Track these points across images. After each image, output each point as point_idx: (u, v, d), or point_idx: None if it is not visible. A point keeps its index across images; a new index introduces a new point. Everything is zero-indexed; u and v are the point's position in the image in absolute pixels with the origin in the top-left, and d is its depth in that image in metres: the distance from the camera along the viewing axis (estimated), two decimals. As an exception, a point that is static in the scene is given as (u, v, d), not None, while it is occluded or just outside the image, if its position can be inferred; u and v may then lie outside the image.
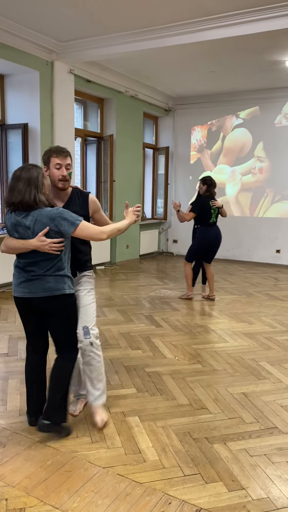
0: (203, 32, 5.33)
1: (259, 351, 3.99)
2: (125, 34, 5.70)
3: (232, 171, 9.04)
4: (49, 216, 2.33)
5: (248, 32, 5.12)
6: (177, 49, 5.87)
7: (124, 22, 5.35)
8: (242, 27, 5.13)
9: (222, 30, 5.23)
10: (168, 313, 5.16)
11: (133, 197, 8.60)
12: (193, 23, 5.28)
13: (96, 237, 2.43)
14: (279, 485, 2.17)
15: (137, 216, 2.63)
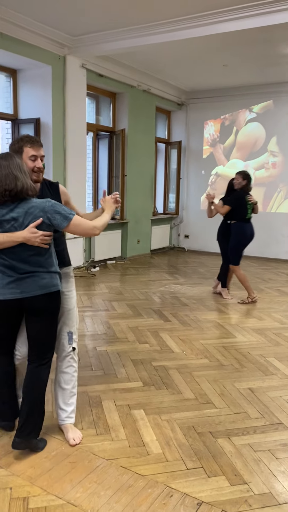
0: (216, 25, 5.28)
1: (268, 347, 3.97)
2: (137, 28, 5.68)
3: (245, 166, 8.95)
4: (41, 208, 2.18)
5: (262, 24, 5.05)
6: (190, 43, 5.82)
7: (136, 16, 5.32)
8: (255, 19, 5.06)
9: (236, 22, 5.17)
10: (177, 308, 5.16)
11: (145, 191, 8.59)
12: (206, 16, 5.23)
13: (90, 232, 2.33)
14: (282, 480, 2.17)
15: (117, 204, 2.56)
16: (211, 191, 9.05)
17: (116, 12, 5.22)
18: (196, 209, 9.57)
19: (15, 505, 1.96)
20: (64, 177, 6.56)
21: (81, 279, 6.55)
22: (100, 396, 2.99)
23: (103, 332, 4.30)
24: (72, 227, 2.23)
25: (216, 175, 9.31)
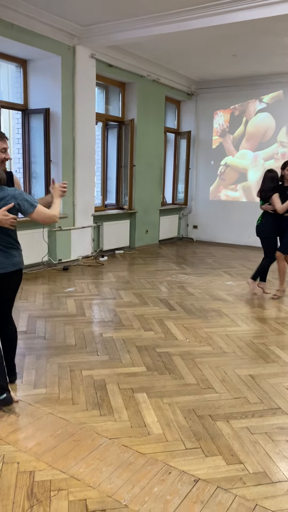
0: (226, 14, 5.28)
1: (270, 336, 4.04)
2: (146, 18, 5.69)
3: (255, 156, 8.95)
4: (12, 195, 2.55)
5: (272, 14, 5.05)
6: (199, 32, 5.81)
7: (145, 5, 5.34)
8: (265, 9, 5.05)
9: (245, 12, 5.17)
10: (183, 297, 5.25)
11: (153, 181, 8.64)
12: (216, 6, 5.23)
13: (50, 220, 2.69)
14: (277, 461, 2.26)
15: (63, 193, 2.83)
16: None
17: (125, 2, 5.24)
18: (205, 199, 9.60)
19: (22, 478, 2.08)
20: (73, 167, 6.64)
21: (89, 268, 6.66)
22: (104, 379, 3.10)
23: (109, 319, 4.41)
24: (36, 214, 2.60)
25: (225, 166, 9.31)
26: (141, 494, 2.00)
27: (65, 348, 3.65)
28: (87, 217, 7.10)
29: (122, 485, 2.05)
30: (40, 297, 5.11)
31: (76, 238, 6.93)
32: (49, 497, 1.97)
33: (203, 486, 2.07)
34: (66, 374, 3.17)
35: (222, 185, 9.40)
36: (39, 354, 3.53)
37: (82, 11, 5.58)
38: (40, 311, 4.62)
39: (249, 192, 9.09)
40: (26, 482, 2.05)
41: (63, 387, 2.98)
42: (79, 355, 3.53)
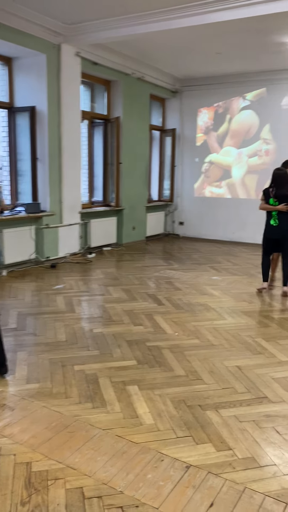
0: (209, 14, 5.36)
1: (256, 328, 4.16)
2: (131, 17, 5.74)
3: (239, 154, 9.08)
4: None
5: (255, 14, 5.15)
6: (184, 31, 5.88)
7: (130, 4, 5.39)
8: (248, 9, 5.15)
9: (229, 12, 5.25)
10: (171, 292, 5.34)
11: (139, 179, 8.71)
12: (200, 5, 5.31)
13: None
14: (264, 446, 2.36)
15: None
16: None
17: (110, 1, 5.28)
18: (191, 196, 9.70)
19: (19, 469, 2.14)
20: (59, 165, 6.66)
21: (77, 265, 6.70)
22: (96, 373, 3.17)
23: (99, 315, 4.47)
24: None
25: (209, 163, 9.42)
26: (135, 481, 2.08)
27: (56, 344, 3.71)
28: (74, 215, 7.13)
29: (117, 473, 2.13)
30: (28, 294, 5.14)
31: (64, 236, 6.96)
32: (46, 486, 2.03)
33: (194, 472, 2.16)
34: (58, 369, 3.23)
35: (207, 182, 9.51)
36: (31, 350, 3.58)
37: (67, 9, 5.60)
38: (29, 308, 4.66)
39: (233, 189, 9.23)
40: (23, 473, 2.12)
41: (55, 382, 3.04)
42: (70, 350, 3.59)
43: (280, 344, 3.79)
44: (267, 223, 5.23)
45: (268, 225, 5.22)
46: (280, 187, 5.03)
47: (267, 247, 5.31)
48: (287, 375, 3.20)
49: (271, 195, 5.08)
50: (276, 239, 5.18)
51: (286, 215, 5.09)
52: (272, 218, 5.14)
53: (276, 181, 5.08)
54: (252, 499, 1.98)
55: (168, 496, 1.98)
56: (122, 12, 5.63)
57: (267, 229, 5.24)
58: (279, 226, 5.11)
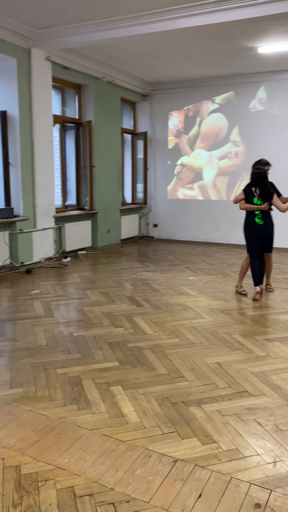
0: (177, 20, 5.47)
1: (233, 326, 4.27)
2: (101, 22, 5.80)
3: (209, 156, 9.25)
4: None
5: (220, 20, 5.29)
6: (153, 36, 5.98)
7: (100, 10, 5.44)
8: (214, 16, 5.29)
9: (196, 18, 5.38)
10: (149, 293, 5.40)
11: (113, 182, 8.75)
12: (168, 11, 5.42)
13: None
14: (247, 438, 2.45)
15: None
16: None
17: (80, 6, 5.32)
18: (164, 198, 9.81)
19: (9, 472, 2.15)
20: (32, 169, 6.63)
21: (53, 270, 6.68)
22: (79, 376, 3.19)
23: (78, 318, 4.48)
24: None
25: (181, 165, 9.56)
26: (125, 477, 2.12)
27: (37, 349, 3.71)
28: (48, 219, 7.10)
29: (106, 471, 2.16)
30: (5, 300, 5.10)
31: (38, 240, 6.93)
32: (37, 487, 2.05)
33: (181, 465, 2.22)
34: (40, 373, 3.24)
35: (179, 184, 9.65)
36: (12, 355, 3.56)
37: (37, 14, 5.60)
38: (7, 314, 4.62)
39: (205, 191, 9.39)
40: (13, 476, 2.12)
41: (39, 385, 3.05)
42: (51, 354, 3.59)
43: (256, 340, 3.91)
44: (251, 222, 5.17)
45: (253, 223, 5.15)
46: (264, 186, 5.05)
47: (254, 247, 5.22)
48: (265, 369, 3.31)
49: (255, 194, 5.07)
50: (262, 237, 5.19)
51: (268, 214, 5.18)
52: (256, 217, 5.13)
53: (259, 180, 5.07)
54: (238, 488, 2.06)
55: (157, 490, 2.04)
56: (92, 17, 5.68)
57: (253, 228, 5.16)
58: (264, 224, 5.12)
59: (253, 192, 5.08)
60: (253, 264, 5.22)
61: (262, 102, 8.60)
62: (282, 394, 2.93)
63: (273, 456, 2.29)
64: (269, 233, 5.21)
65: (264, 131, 8.58)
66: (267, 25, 5.83)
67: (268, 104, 8.55)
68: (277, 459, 2.27)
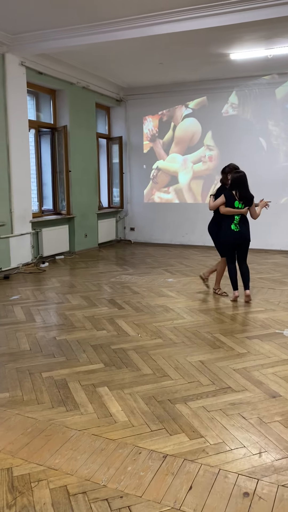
0: (151, 27, 5.57)
1: (214, 325, 4.37)
2: (75, 28, 5.84)
3: (184, 160, 9.40)
4: None
5: (193, 28, 5.42)
6: (127, 42, 6.06)
7: (74, 16, 5.49)
8: (187, 23, 5.41)
9: (169, 25, 5.49)
10: (129, 296, 5.45)
11: (89, 186, 8.77)
12: (142, 18, 5.51)
13: None
14: (233, 431, 2.53)
15: None
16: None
17: (54, 12, 5.35)
18: (140, 202, 9.90)
19: (0, 474, 2.16)
20: (8, 174, 6.60)
21: (31, 275, 6.65)
22: (65, 379, 3.22)
23: (61, 323, 4.49)
24: None
25: (157, 169, 9.67)
26: (116, 474, 2.16)
27: (20, 354, 3.70)
28: (25, 224, 7.07)
29: (98, 469, 2.20)
30: (-15, 307, 5.05)
31: (15, 246, 6.88)
32: (30, 488, 2.07)
33: (171, 460, 2.28)
34: (26, 377, 3.24)
35: (155, 188, 9.75)
36: (-4, 361, 3.55)
37: (11, 19, 5.60)
38: (-12, 320, 4.58)
39: (180, 194, 9.53)
40: (5, 478, 2.14)
41: (25, 389, 3.06)
42: (35, 358, 3.60)
43: (237, 337, 4.02)
44: (227, 228, 5.10)
45: (229, 230, 5.08)
46: (245, 190, 5.04)
47: (232, 254, 5.20)
48: (246, 366, 3.41)
49: (236, 197, 5.02)
50: (238, 244, 5.13)
51: (246, 219, 5.15)
52: (232, 223, 5.07)
53: (240, 183, 5.03)
54: (226, 479, 2.13)
55: (149, 485, 2.09)
56: (67, 23, 5.72)
57: (229, 235, 5.10)
58: (240, 231, 5.07)
59: (234, 196, 5.04)
60: (231, 269, 5.24)
61: (234, 107, 8.81)
62: (263, 389, 3.03)
63: (258, 448, 2.38)
64: (245, 240, 5.14)
65: (237, 135, 8.79)
66: (238, 33, 6.00)
67: (240, 109, 8.77)
68: (262, 450, 2.36)
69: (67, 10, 5.28)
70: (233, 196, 5.05)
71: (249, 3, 4.98)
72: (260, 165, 8.53)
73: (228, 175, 5.23)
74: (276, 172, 8.57)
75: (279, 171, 8.58)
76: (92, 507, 1.95)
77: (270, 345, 3.83)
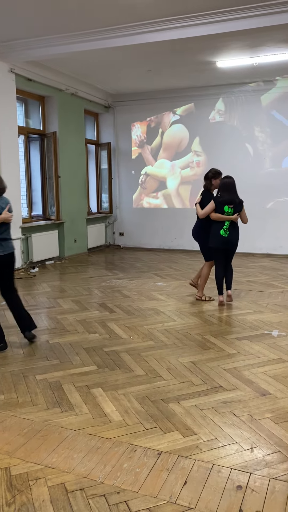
0: (139, 35, 5.67)
1: (204, 327, 4.45)
2: (65, 36, 5.91)
3: (172, 165, 9.51)
4: (6, 202, 3.86)
5: (180, 36, 5.53)
6: (116, 50, 6.15)
7: (64, 24, 5.56)
8: (174, 32, 5.52)
9: (156, 34, 5.60)
10: (120, 300, 5.51)
11: (78, 192, 8.83)
12: (130, 27, 5.60)
13: None
14: (225, 428, 2.60)
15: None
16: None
17: (44, 20, 5.42)
18: (129, 207, 9.97)
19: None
20: (-1, 181, 6.61)
21: (22, 281, 6.66)
22: (59, 381, 3.26)
23: (53, 326, 4.53)
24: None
25: (145, 175, 9.77)
26: (113, 471, 2.22)
27: (13, 357, 3.73)
28: (15, 229, 7.02)
29: (94, 467, 2.25)
30: (-24, 312, 5.06)
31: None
32: (28, 486, 2.11)
33: (166, 457, 2.34)
34: (20, 380, 3.28)
35: (144, 193, 9.85)
36: (-11, 365, 3.57)
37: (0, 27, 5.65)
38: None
39: (169, 199, 9.63)
40: (4, 477, 2.17)
41: (20, 392, 3.09)
42: (29, 362, 3.63)
43: (227, 339, 4.10)
44: (216, 233, 5.10)
45: (218, 236, 5.09)
46: (234, 194, 5.07)
47: (220, 258, 5.21)
48: (236, 366, 3.49)
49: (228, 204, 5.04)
50: (226, 249, 5.18)
51: (235, 225, 5.18)
52: (222, 228, 5.07)
53: (230, 189, 5.07)
54: (220, 473, 2.20)
55: (145, 480, 2.15)
56: (56, 31, 5.79)
57: (218, 240, 5.10)
58: (228, 237, 5.09)
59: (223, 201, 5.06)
60: (218, 273, 5.25)
61: (221, 113, 8.97)
62: (254, 387, 3.11)
63: (250, 443, 2.45)
64: (233, 244, 5.19)
65: (224, 141, 8.94)
66: (225, 41, 6.14)
67: (227, 115, 8.92)
68: (253, 445, 2.43)
69: (56, 18, 5.35)
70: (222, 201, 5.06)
71: (235, 13, 5.12)
72: (247, 170, 8.68)
73: (212, 180, 5.33)
74: (262, 177, 8.73)
75: (265, 176, 8.74)
76: (90, 503, 2.00)
77: (259, 345, 3.92)
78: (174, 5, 4.99)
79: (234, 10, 5.09)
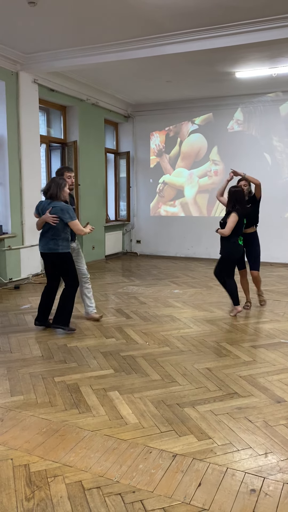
0: (159, 47, 5.80)
1: (220, 334, 4.48)
2: (87, 48, 6.08)
3: (190, 174, 9.59)
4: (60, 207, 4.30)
5: (200, 48, 5.64)
6: (136, 61, 6.29)
7: (86, 37, 5.73)
8: (194, 44, 5.63)
9: (177, 45, 5.72)
10: (136, 306, 5.58)
11: (97, 200, 8.97)
12: (151, 39, 5.74)
13: (78, 232, 4.51)
14: (239, 433, 2.63)
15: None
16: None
17: (68, 33, 5.60)
18: (146, 215, 10.07)
19: (18, 470, 2.27)
20: (20, 188, 6.79)
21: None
22: (77, 383, 3.33)
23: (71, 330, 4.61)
24: (70, 224, 4.36)
25: (163, 183, 9.87)
26: (129, 471, 2.27)
27: (33, 360, 3.82)
28: (35, 236, 7.20)
29: (111, 466, 2.31)
30: (-4, 315, 5.19)
31: (26, 257, 7.04)
32: (47, 483, 2.18)
33: (181, 459, 2.38)
34: (39, 382, 3.36)
35: (162, 202, 9.93)
36: (9, 366, 3.67)
37: (26, 40, 5.85)
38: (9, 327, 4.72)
39: (186, 207, 9.70)
40: (23, 473, 2.25)
41: (39, 393, 3.17)
42: (48, 364, 3.72)
43: (243, 346, 4.13)
44: (235, 244, 5.03)
45: (237, 245, 5.05)
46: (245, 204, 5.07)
47: (234, 268, 5.14)
48: (252, 373, 3.51)
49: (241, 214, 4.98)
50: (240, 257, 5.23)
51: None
52: (239, 238, 5.07)
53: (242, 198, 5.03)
54: (234, 477, 2.23)
55: (160, 481, 2.19)
56: (78, 43, 5.96)
57: (238, 251, 5.08)
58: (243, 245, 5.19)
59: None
60: (232, 284, 5.12)
61: (239, 123, 9.02)
62: (269, 394, 3.13)
63: (265, 448, 2.48)
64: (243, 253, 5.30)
65: (242, 150, 8.98)
66: (244, 53, 6.23)
67: (245, 125, 8.97)
68: (268, 450, 2.46)
69: (79, 31, 5.52)
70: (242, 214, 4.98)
71: (254, 25, 5.20)
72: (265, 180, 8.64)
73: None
74: (280, 187, 8.73)
75: (283, 186, 8.74)
76: (106, 500, 2.06)
77: (275, 353, 3.94)
78: (194, 18, 5.10)
79: (254, 22, 5.17)
